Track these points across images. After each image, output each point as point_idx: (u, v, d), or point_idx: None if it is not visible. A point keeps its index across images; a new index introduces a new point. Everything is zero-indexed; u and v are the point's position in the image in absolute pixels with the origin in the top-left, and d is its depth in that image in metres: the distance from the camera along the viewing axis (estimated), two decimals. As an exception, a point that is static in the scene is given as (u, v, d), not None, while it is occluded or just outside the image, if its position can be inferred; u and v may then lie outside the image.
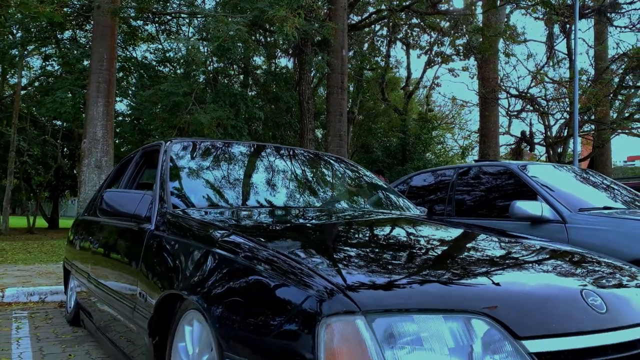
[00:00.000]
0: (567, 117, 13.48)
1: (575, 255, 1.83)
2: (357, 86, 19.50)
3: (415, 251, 1.68)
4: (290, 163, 3.02)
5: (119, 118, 15.86)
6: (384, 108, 21.57)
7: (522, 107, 15.41)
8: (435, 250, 1.75)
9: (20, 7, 9.98)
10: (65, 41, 14.63)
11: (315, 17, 10.62)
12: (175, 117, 10.94)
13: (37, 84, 16.63)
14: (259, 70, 16.69)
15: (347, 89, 11.30)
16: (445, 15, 14.45)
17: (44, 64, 15.23)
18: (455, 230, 2.14)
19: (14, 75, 15.97)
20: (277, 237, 1.79)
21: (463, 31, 14.79)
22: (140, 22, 13.94)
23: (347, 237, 1.92)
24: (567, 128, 13.58)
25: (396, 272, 1.36)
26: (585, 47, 14.56)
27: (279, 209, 2.41)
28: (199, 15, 11.62)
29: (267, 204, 2.47)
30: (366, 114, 21.72)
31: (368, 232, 2.02)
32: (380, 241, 1.86)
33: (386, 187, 3.26)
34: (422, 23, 15.27)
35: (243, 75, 16.20)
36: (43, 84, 15.68)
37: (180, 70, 14.09)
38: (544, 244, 1.98)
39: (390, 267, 1.42)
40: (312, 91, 14.20)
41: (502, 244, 1.90)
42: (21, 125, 14.77)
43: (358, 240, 1.86)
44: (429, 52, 17.50)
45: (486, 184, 4.44)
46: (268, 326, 1.25)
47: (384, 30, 18.08)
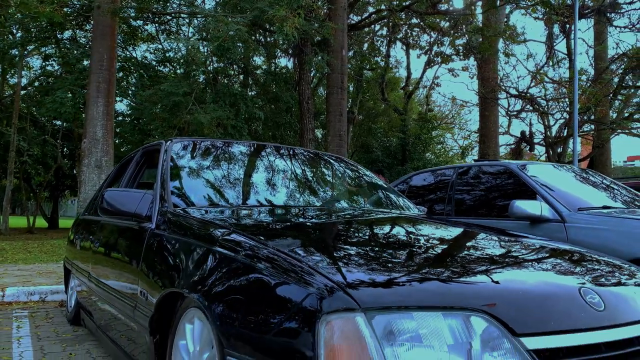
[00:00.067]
0: (567, 117, 13.49)
1: (575, 253, 1.84)
2: (357, 86, 19.51)
3: (414, 249, 1.69)
4: (290, 162, 3.03)
5: (119, 118, 15.87)
6: (383, 108, 21.57)
7: (521, 107, 15.42)
8: (435, 249, 1.76)
9: (20, 7, 9.99)
10: (65, 41, 14.64)
11: (315, 17, 10.62)
12: (175, 117, 10.95)
13: (37, 83, 16.64)
14: (259, 70, 16.70)
15: (347, 89, 11.31)
16: (445, 15, 14.45)
17: (43, 63, 15.24)
18: (454, 229, 2.15)
19: (14, 75, 15.97)
20: (278, 236, 1.80)
21: (463, 31, 14.80)
22: (140, 22, 13.95)
23: (347, 235, 1.92)
24: (566, 128, 13.59)
25: (396, 270, 1.37)
26: (585, 47, 14.58)
27: (279, 208, 2.42)
28: (198, 15, 11.62)
29: (267, 203, 2.48)
30: (366, 114, 21.72)
31: (368, 230, 2.03)
32: (380, 240, 1.87)
33: (386, 186, 3.27)
34: (422, 23, 15.27)
35: (243, 75, 16.21)
36: (43, 84, 15.68)
37: (180, 70, 14.10)
38: (543, 243, 1.99)
39: (389, 265, 1.43)
40: (312, 91, 14.21)
41: (501, 242, 1.91)
42: (21, 125, 14.77)
43: (358, 238, 1.87)
44: (428, 52, 17.51)
45: (486, 183, 4.45)
46: (269, 323, 1.26)
47: (384, 30, 18.09)
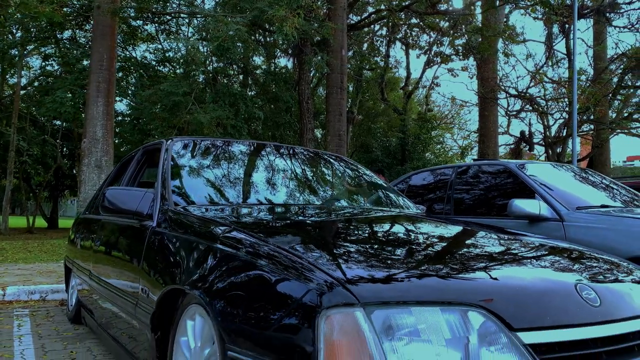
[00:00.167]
0: (566, 117, 13.52)
1: (572, 251, 1.85)
2: (356, 86, 19.52)
3: (413, 246, 1.70)
4: (290, 161, 3.05)
5: (119, 118, 15.89)
6: (383, 108, 21.59)
7: (521, 107, 15.46)
8: (433, 246, 1.77)
9: (20, 7, 10.00)
10: (65, 41, 14.66)
11: (314, 17, 10.63)
12: (174, 117, 10.96)
13: (36, 83, 16.65)
14: (259, 70, 16.72)
15: (346, 88, 11.32)
16: (445, 15, 14.47)
17: (43, 63, 15.25)
18: (453, 227, 2.17)
19: (14, 75, 15.98)
20: (278, 233, 1.82)
21: (462, 31, 14.81)
22: (140, 22, 13.96)
23: (347, 233, 1.94)
24: (566, 128, 13.62)
25: (395, 266, 1.38)
26: (584, 47, 14.61)
27: (279, 207, 2.44)
28: (198, 15, 11.64)
29: (267, 202, 2.50)
30: (365, 114, 21.73)
31: (367, 228, 2.04)
32: (379, 237, 1.88)
33: (385, 185, 3.29)
34: (421, 23, 15.29)
35: (243, 75, 16.22)
36: (43, 83, 15.69)
37: (180, 70, 14.12)
38: (541, 241, 2.00)
39: (388, 261, 1.44)
40: (312, 91, 14.22)
41: (499, 240, 1.93)
42: (21, 125, 14.78)
43: (357, 236, 1.89)
44: (428, 52, 17.53)
45: (485, 182, 4.46)
46: (269, 319, 1.28)
47: (384, 30, 18.11)
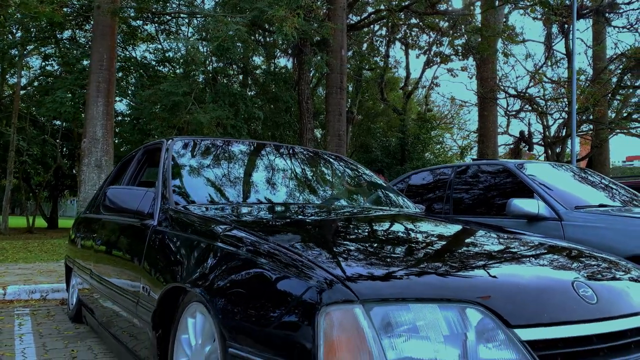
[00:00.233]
0: (566, 117, 13.53)
1: (571, 250, 1.86)
2: (356, 86, 19.54)
3: (412, 245, 1.72)
4: (290, 161, 3.06)
5: (119, 118, 15.90)
6: (383, 108, 21.61)
7: (520, 107, 15.49)
8: (432, 244, 1.79)
9: (20, 7, 10.01)
10: (65, 41, 14.66)
11: (314, 17, 10.65)
12: (174, 117, 10.97)
13: (36, 83, 16.66)
14: (258, 70, 16.74)
15: (346, 88, 11.33)
16: (444, 16, 14.48)
17: (43, 63, 15.26)
18: (452, 225, 2.18)
19: (14, 75, 15.99)
20: (278, 232, 1.83)
21: (462, 31, 14.83)
22: (140, 22, 13.97)
23: (347, 231, 1.95)
24: (565, 128, 13.63)
25: (394, 264, 1.40)
26: (583, 47, 14.64)
27: (279, 206, 2.45)
28: (198, 15, 11.66)
29: (267, 201, 2.51)
30: (365, 114, 21.75)
31: (367, 227, 2.06)
32: (378, 235, 1.90)
33: (385, 185, 3.31)
34: (421, 23, 15.31)
35: (242, 75, 16.23)
36: (42, 83, 15.70)
37: (180, 70, 14.13)
38: (539, 239, 2.01)
39: (388, 259, 1.46)
40: (311, 91, 14.23)
41: (497, 238, 1.94)
42: (21, 125, 14.79)
43: (357, 234, 1.90)
44: (427, 52, 17.55)
45: (484, 182, 4.48)
46: (270, 316, 1.29)
47: (383, 30, 18.13)
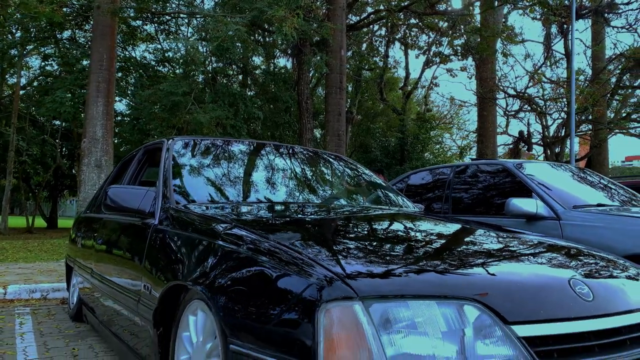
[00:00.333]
0: (565, 117, 13.56)
1: (569, 249, 1.88)
2: (355, 86, 19.56)
3: (411, 243, 1.74)
4: (290, 160, 3.08)
5: (118, 118, 15.90)
6: (382, 108, 21.62)
7: (519, 107, 15.49)
8: (430, 242, 1.80)
9: (20, 7, 10.01)
10: (65, 41, 14.67)
11: (313, 18, 10.67)
12: (174, 117, 10.99)
13: (36, 83, 16.66)
14: (258, 70, 16.75)
15: (345, 89, 11.35)
16: (444, 16, 14.49)
17: (43, 63, 15.26)
18: (451, 224, 2.20)
19: (13, 75, 16.00)
20: (279, 230, 1.85)
21: (461, 31, 14.84)
22: (140, 22, 13.98)
23: (346, 230, 1.97)
24: (564, 128, 13.65)
25: (393, 261, 1.42)
26: (582, 47, 14.67)
27: (279, 205, 2.47)
28: (198, 15, 11.67)
29: (267, 200, 2.53)
30: (365, 114, 21.77)
31: (366, 225, 2.08)
32: (378, 234, 1.92)
33: (384, 184, 3.32)
34: (420, 23, 15.33)
35: (242, 75, 16.25)
36: (42, 83, 15.71)
37: (180, 70, 14.14)
38: (538, 238, 2.02)
39: (387, 257, 1.48)
40: (311, 91, 14.26)
41: (495, 237, 1.96)
42: (20, 125, 14.80)
43: (356, 233, 1.92)
44: (427, 52, 17.57)
45: (483, 182, 4.49)
46: (271, 313, 1.31)
47: (383, 31, 18.15)
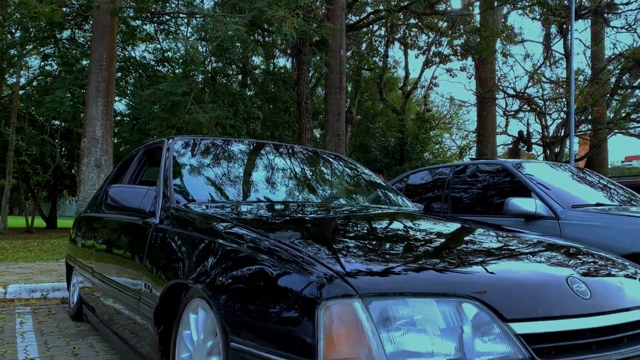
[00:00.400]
0: (564, 117, 13.57)
1: (567, 248, 1.89)
2: (355, 86, 19.57)
3: (410, 241, 1.75)
4: (289, 160, 3.09)
5: (118, 118, 15.90)
6: (382, 108, 21.63)
7: (519, 107, 15.51)
8: (430, 241, 1.82)
9: (19, 7, 10.02)
10: (64, 41, 14.67)
11: (313, 17, 10.67)
12: (174, 117, 10.99)
13: (35, 83, 16.66)
14: (258, 70, 16.76)
15: (345, 88, 11.36)
16: (443, 16, 14.50)
17: (42, 63, 15.26)
18: (450, 223, 2.22)
19: (13, 74, 16.00)
20: (279, 229, 1.86)
21: (461, 31, 14.85)
22: (139, 22, 13.99)
23: (346, 229, 1.98)
24: (564, 128, 13.67)
25: (392, 260, 1.43)
26: (582, 47, 14.79)
27: (279, 204, 2.49)
28: (197, 15, 11.68)
29: (267, 200, 2.54)
30: (364, 114, 21.78)
31: (366, 224, 2.09)
32: (377, 233, 1.93)
33: (384, 184, 3.34)
34: (420, 23, 15.34)
35: (241, 75, 16.26)
36: (42, 83, 15.70)
37: (179, 70, 14.15)
38: (537, 237, 2.03)
39: (386, 255, 1.49)
40: (311, 91, 14.27)
41: (494, 236, 1.97)
42: (20, 124, 14.79)
43: (356, 232, 1.93)
44: (426, 52, 17.57)
45: (482, 181, 4.51)
46: (271, 310, 1.32)
47: (382, 31, 18.16)
